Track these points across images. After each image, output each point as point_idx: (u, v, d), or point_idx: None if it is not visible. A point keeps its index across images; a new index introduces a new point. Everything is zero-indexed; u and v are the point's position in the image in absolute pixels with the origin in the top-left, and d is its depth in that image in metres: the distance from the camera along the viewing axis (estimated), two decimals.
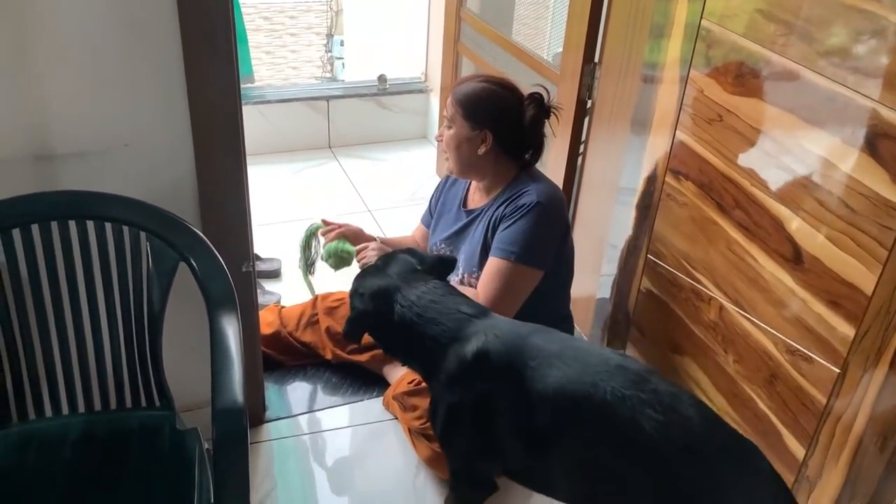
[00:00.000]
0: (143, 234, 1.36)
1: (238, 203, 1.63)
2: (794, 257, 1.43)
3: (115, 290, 1.38)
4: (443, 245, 1.90)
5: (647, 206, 1.89)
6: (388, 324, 1.48)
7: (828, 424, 1.39)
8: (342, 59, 4.15)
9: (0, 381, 1.37)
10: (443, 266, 1.58)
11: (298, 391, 2.08)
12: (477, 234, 1.81)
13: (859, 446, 1.32)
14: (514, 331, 1.40)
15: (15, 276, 1.33)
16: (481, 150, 1.75)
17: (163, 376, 1.43)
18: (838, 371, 1.35)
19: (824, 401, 1.39)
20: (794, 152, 1.40)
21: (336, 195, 3.15)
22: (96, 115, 1.45)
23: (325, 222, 1.95)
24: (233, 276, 1.61)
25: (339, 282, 2.36)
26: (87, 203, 1.36)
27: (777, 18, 1.41)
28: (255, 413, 1.93)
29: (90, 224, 1.35)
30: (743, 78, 1.51)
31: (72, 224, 1.34)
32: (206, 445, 1.35)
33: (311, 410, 2.01)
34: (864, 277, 1.27)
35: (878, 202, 1.23)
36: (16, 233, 1.32)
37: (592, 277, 2.15)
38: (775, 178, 1.46)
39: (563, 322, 1.86)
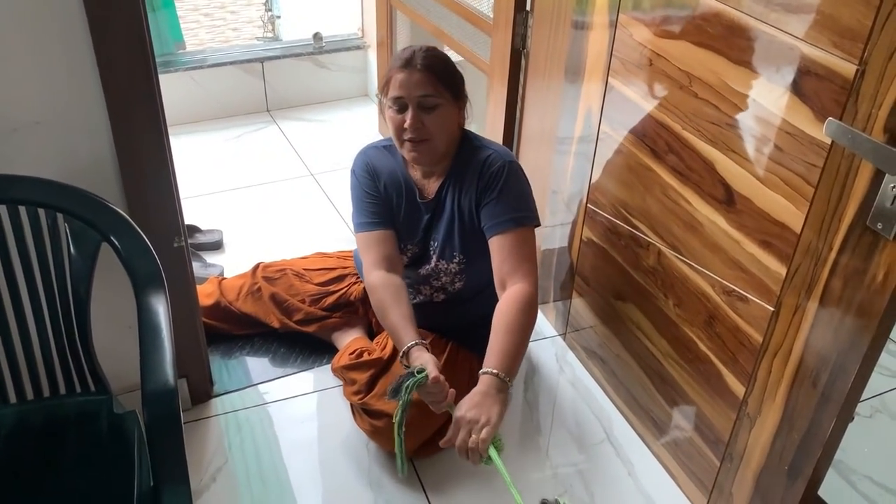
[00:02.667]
0: (60, 216, 1.31)
1: (163, 177, 1.57)
2: (727, 199, 1.43)
3: (36, 276, 1.33)
4: (410, 246, 1.81)
5: (585, 155, 1.88)
6: None
7: (764, 362, 1.41)
8: (281, 17, 4.02)
9: None
10: None
11: (246, 364, 2.05)
12: (446, 215, 1.74)
13: (794, 381, 1.35)
14: None
15: None
16: (464, 123, 1.71)
17: (95, 360, 1.39)
18: (772, 309, 1.37)
19: (760, 339, 1.41)
20: (722, 94, 1.40)
21: (277, 160, 3.08)
22: (1, 92, 1.37)
23: (435, 381, 1.48)
24: (165, 252, 1.58)
25: (279, 252, 2.32)
26: None
27: None
28: (202, 388, 1.90)
29: (2, 208, 1.29)
30: (670, 20, 1.49)
31: None
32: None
33: (259, 382, 1.99)
34: (792, 216, 1.28)
35: (803, 140, 1.23)
36: None
37: (537, 230, 2.14)
38: (705, 121, 1.45)
39: None
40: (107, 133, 1.48)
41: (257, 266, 2.13)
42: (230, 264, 2.40)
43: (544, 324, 2.23)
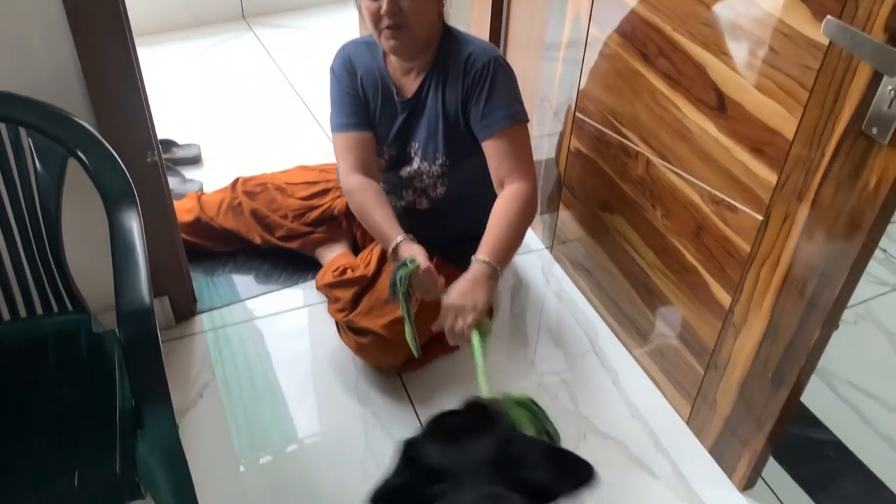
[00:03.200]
0: (22, 131, 1.25)
1: (131, 88, 1.50)
2: (718, 105, 1.38)
3: (1, 193, 1.28)
4: (386, 147, 1.74)
5: (573, 61, 1.81)
6: None
7: (752, 271, 1.40)
8: None
9: None
10: None
11: (230, 281, 2.03)
12: (427, 114, 1.66)
13: (781, 290, 1.34)
14: None
15: None
16: (443, 12, 1.61)
17: (70, 279, 1.35)
18: (761, 218, 1.34)
19: (748, 248, 1.39)
20: None
21: (254, 70, 2.98)
22: None
23: (427, 271, 1.49)
24: (137, 167, 1.53)
25: (259, 166, 2.26)
26: None
27: None
28: (185, 306, 1.88)
29: None
30: None
31: None
32: None
33: (244, 299, 1.97)
34: (785, 121, 1.24)
35: (799, 41, 1.18)
36: None
37: None
38: (697, 22, 1.38)
39: None
40: (69, 44, 1.40)
41: (237, 180, 2.08)
42: (209, 179, 2.34)
43: (531, 237, 2.21)
